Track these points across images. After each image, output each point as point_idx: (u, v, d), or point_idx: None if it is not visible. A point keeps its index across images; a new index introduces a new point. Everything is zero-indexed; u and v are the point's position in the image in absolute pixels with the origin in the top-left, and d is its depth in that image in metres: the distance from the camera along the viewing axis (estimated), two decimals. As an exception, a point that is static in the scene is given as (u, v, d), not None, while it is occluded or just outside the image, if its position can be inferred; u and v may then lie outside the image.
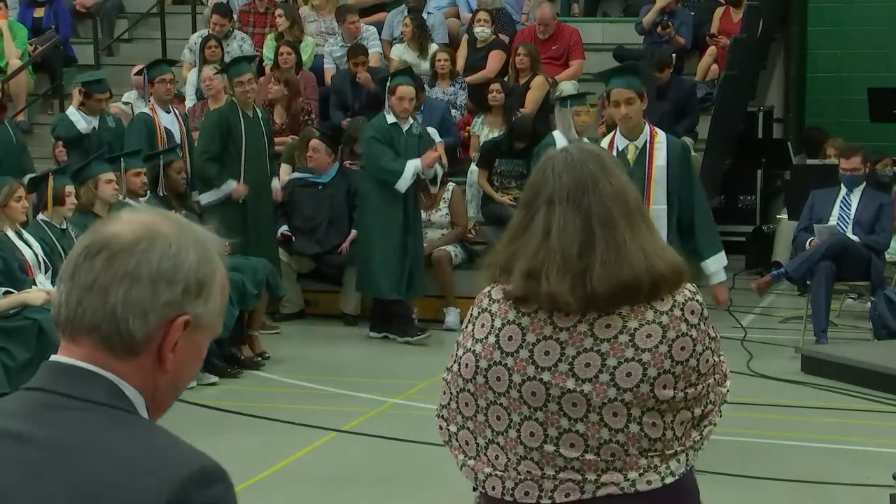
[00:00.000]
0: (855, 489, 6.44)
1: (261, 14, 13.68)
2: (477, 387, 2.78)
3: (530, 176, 2.88)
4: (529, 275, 2.70)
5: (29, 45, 13.76)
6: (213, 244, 1.86)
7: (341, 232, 10.80)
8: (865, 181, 10.25)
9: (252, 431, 7.41)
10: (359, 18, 13.06)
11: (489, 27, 12.80)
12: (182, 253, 1.78)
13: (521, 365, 2.72)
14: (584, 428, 2.68)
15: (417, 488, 6.49)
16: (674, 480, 2.73)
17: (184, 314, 1.78)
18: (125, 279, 1.75)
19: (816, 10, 16.39)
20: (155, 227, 1.79)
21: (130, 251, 1.76)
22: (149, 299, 1.76)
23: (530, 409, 2.72)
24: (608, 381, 2.66)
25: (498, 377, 2.74)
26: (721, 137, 12.66)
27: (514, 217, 2.86)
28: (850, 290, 10.70)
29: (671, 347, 2.68)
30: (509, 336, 2.74)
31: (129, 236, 1.77)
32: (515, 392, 2.73)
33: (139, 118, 10.26)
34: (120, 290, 1.75)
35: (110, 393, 1.76)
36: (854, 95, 15.14)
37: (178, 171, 9.58)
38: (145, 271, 1.75)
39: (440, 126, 11.81)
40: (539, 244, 2.71)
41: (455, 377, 2.84)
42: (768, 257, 12.56)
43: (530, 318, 2.73)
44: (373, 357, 9.66)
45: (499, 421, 2.77)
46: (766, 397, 8.25)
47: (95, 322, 1.75)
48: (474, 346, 2.80)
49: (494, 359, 2.75)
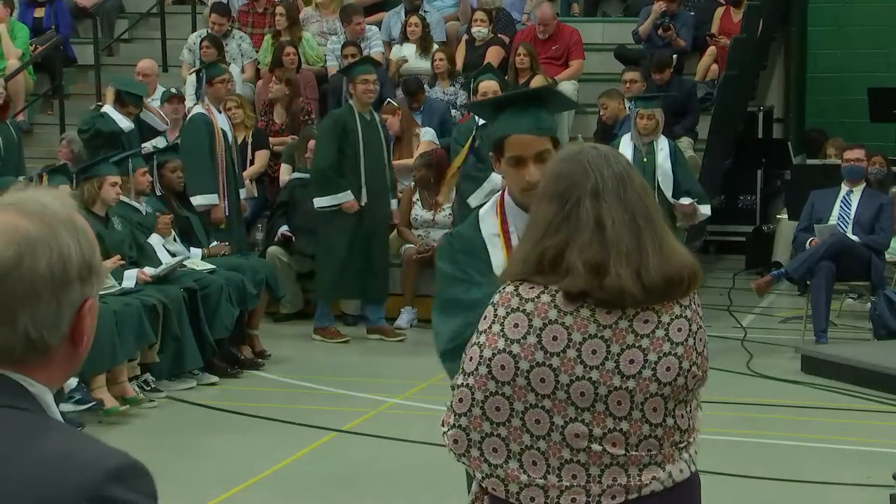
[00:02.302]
0: (855, 489, 6.44)
1: (259, 14, 13.68)
2: (516, 389, 2.66)
3: (553, 167, 2.81)
4: (593, 268, 2.65)
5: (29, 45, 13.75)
6: (70, 209, 1.77)
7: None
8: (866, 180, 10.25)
9: (252, 431, 7.41)
10: (364, 19, 13.05)
11: (486, 27, 12.81)
12: (64, 249, 1.72)
13: (568, 365, 2.65)
14: (628, 426, 2.69)
15: (417, 488, 6.49)
16: (695, 469, 2.81)
17: (87, 299, 1.76)
18: (26, 301, 1.69)
19: (816, 10, 16.40)
20: (24, 234, 1.70)
21: (18, 272, 1.69)
22: (55, 310, 1.72)
23: (577, 410, 2.67)
24: (650, 376, 2.68)
25: (542, 378, 2.65)
26: (721, 137, 12.66)
27: (539, 209, 2.78)
28: (850, 290, 10.70)
29: (696, 340, 2.75)
30: (553, 336, 2.66)
31: (8, 255, 1.69)
32: (563, 393, 2.66)
33: (197, 118, 10.04)
34: (26, 315, 1.70)
35: (11, 394, 1.71)
36: (854, 95, 15.14)
37: (174, 170, 9.56)
38: (41, 286, 1.70)
39: (440, 126, 11.81)
40: (591, 237, 2.67)
41: (482, 380, 2.69)
42: (768, 257, 12.56)
43: (573, 316, 2.67)
44: (373, 357, 9.66)
45: (538, 424, 2.67)
46: (766, 397, 8.24)
47: (9, 347, 1.71)
48: (509, 346, 2.67)
49: (537, 360, 2.65)
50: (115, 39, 15.03)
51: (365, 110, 9.93)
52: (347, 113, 9.93)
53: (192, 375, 8.55)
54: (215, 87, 10.10)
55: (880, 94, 14.12)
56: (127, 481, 1.66)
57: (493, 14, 13.11)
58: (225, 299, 8.78)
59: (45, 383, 1.75)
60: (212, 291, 8.69)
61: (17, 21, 13.93)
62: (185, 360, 8.39)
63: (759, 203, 14.31)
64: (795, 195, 11.44)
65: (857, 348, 9.42)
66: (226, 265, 9.17)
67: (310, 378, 8.84)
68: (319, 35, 13.28)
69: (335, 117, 10.04)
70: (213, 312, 8.72)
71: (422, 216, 10.89)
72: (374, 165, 9.95)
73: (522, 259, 2.74)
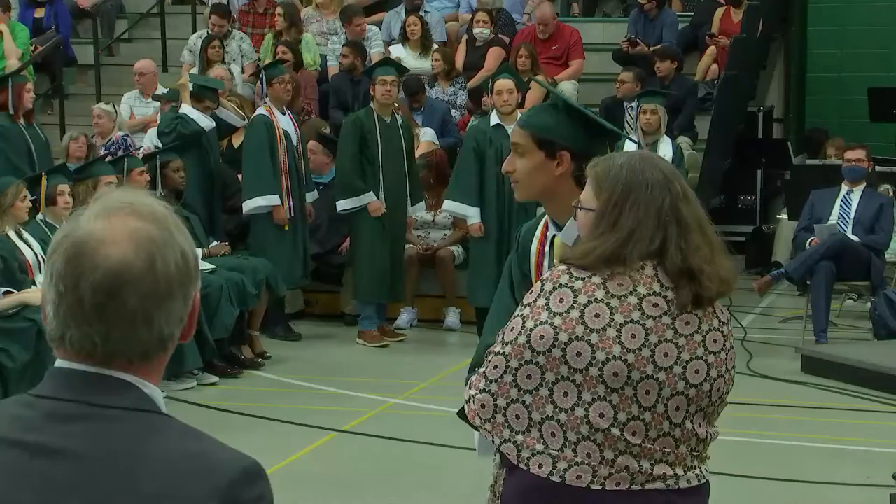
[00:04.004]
0: (855, 489, 6.44)
1: (260, 14, 13.68)
2: (550, 360, 2.71)
3: (606, 170, 2.86)
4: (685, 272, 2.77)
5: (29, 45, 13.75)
6: (167, 209, 1.81)
7: (341, 232, 10.80)
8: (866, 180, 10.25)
9: (252, 431, 7.41)
10: (364, 20, 13.05)
11: (488, 27, 12.81)
12: (184, 248, 1.77)
13: (606, 343, 2.70)
14: (650, 417, 2.74)
15: (417, 488, 6.49)
16: (705, 482, 2.85)
17: (197, 292, 1.82)
18: (162, 303, 1.74)
19: (816, 10, 16.40)
20: (150, 236, 1.74)
21: (153, 275, 1.72)
22: (182, 305, 1.78)
23: (606, 390, 2.71)
24: (680, 373, 2.75)
25: (578, 352, 2.70)
26: (721, 137, 12.65)
27: (599, 208, 2.84)
28: (850, 290, 10.69)
29: (727, 356, 2.85)
30: (596, 313, 2.71)
31: (139, 261, 1.72)
32: (595, 370, 2.70)
33: (259, 120, 9.98)
34: (162, 315, 1.74)
35: (135, 397, 1.74)
36: (854, 95, 15.15)
37: (176, 170, 9.56)
38: (175, 286, 1.75)
39: (441, 127, 11.81)
40: (653, 233, 2.78)
41: (519, 349, 2.73)
42: (768, 257, 12.57)
43: (619, 300, 2.73)
44: (373, 357, 9.66)
45: (565, 397, 2.72)
46: (766, 397, 8.25)
47: (143, 350, 1.75)
48: (551, 319, 2.72)
49: (577, 333, 2.71)
50: (115, 39, 15.03)
51: (385, 112, 9.92)
52: (366, 115, 9.94)
53: (191, 375, 8.54)
54: (274, 87, 10.04)
55: (880, 94, 14.12)
56: (254, 483, 1.72)
57: (493, 14, 13.11)
58: (225, 299, 8.78)
59: (155, 383, 1.78)
60: (212, 291, 8.69)
61: (17, 21, 13.92)
62: (184, 361, 8.38)
63: (759, 203, 14.31)
64: (795, 195, 11.43)
65: (857, 348, 9.41)
66: (226, 265, 9.17)
67: (310, 378, 8.84)
68: (320, 35, 13.28)
69: (354, 119, 10.03)
70: (213, 313, 8.72)
71: (422, 217, 10.88)
72: (394, 168, 9.95)
73: (600, 254, 2.77)
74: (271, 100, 10.04)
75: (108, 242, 1.71)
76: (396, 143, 9.96)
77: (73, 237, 1.72)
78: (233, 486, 1.69)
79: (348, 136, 9.92)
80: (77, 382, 1.72)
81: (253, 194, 9.79)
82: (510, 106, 9.50)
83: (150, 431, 1.71)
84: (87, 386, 1.71)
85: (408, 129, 10.29)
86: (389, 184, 9.92)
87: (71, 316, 1.71)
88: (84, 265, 1.70)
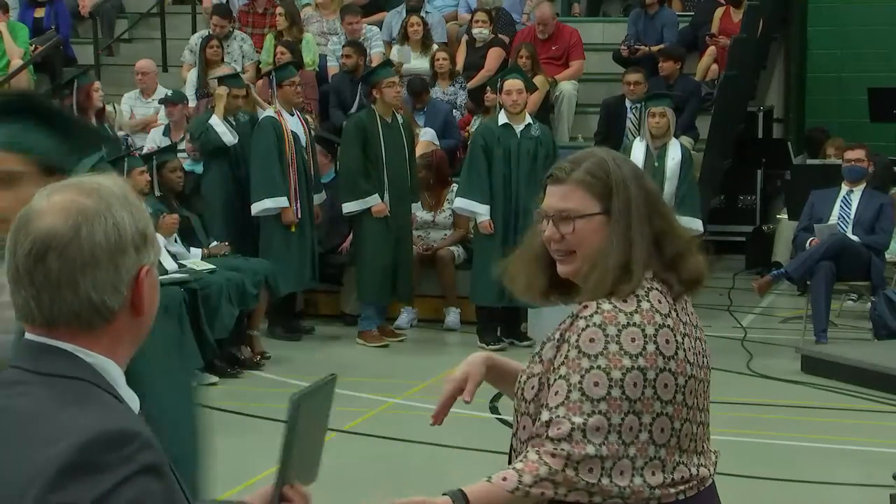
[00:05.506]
0: (855, 489, 6.45)
1: (260, 14, 13.68)
2: (644, 402, 2.58)
3: (600, 169, 2.74)
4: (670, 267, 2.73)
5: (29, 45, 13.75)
6: (126, 190, 1.93)
7: (341, 232, 10.81)
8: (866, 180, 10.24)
9: (252, 431, 7.41)
10: (360, 19, 13.06)
11: (487, 27, 12.81)
12: (118, 220, 1.87)
13: (682, 366, 2.64)
14: (706, 417, 2.74)
15: (417, 488, 6.47)
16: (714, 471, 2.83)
17: (143, 266, 1.90)
18: (87, 268, 1.84)
19: (816, 10, 16.40)
20: (81, 207, 1.85)
21: (77, 241, 1.84)
22: (113, 275, 1.86)
23: (688, 411, 2.65)
24: (707, 363, 2.75)
25: (665, 384, 2.60)
26: (721, 137, 12.65)
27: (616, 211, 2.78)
28: (850, 291, 10.70)
29: None
30: (666, 339, 2.62)
31: (66, 227, 1.84)
32: (680, 395, 2.63)
33: (267, 122, 9.98)
34: (87, 280, 1.84)
35: (72, 366, 1.85)
36: (854, 95, 15.15)
37: (174, 170, 9.55)
38: (100, 253, 1.85)
39: (443, 127, 11.79)
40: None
41: (617, 403, 2.57)
42: (768, 257, 12.56)
43: (669, 316, 2.66)
44: (373, 357, 9.66)
45: (662, 433, 2.62)
46: (766, 397, 8.25)
47: (75, 311, 1.85)
48: (635, 362, 2.59)
49: (659, 366, 2.60)
50: (115, 39, 15.03)
51: (386, 113, 9.92)
52: (368, 117, 9.94)
53: (192, 375, 8.55)
54: (285, 89, 10.03)
55: (880, 94, 14.12)
56: (115, 448, 1.74)
57: (492, 14, 13.11)
58: (225, 300, 8.78)
59: (107, 354, 1.88)
60: (212, 292, 8.68)
61: (17, 21, 13.92)
62: (185, 361, 8.39)
63: (759, 203, 14.31)
64: (795, 195, 11.44)
65: (857, 348, 9.42)
66: (226, 265, 9.17)
67: (310, 378, 8.68)
68: (320, 35, 13.28)
69: (356, 122, 10.03)
70: (213, 313, 8.71)
71: (422, 217, 10.88)
72: (397, 169, 9.95)
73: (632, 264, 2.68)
74: (280, 102, 10.05)
75: (43, 213, 1.86)
76: (399, 143, 9.98)
77: (21, 212, 1.89)
78: (82, 449, 1.72)
79: (351, 139, 9.93)
80: (25, 352, 1.89)
81: (261, 196, 9.80)
82: (519, 106, 9.59)
83: (75, 400, 1.81)
84: (32, 354, 1.87)
85: (409, 128, 10.30)
86: (393, 184, 9.93)
87: (13, 282, 1.87)
88: (20, 234, 1.86)
